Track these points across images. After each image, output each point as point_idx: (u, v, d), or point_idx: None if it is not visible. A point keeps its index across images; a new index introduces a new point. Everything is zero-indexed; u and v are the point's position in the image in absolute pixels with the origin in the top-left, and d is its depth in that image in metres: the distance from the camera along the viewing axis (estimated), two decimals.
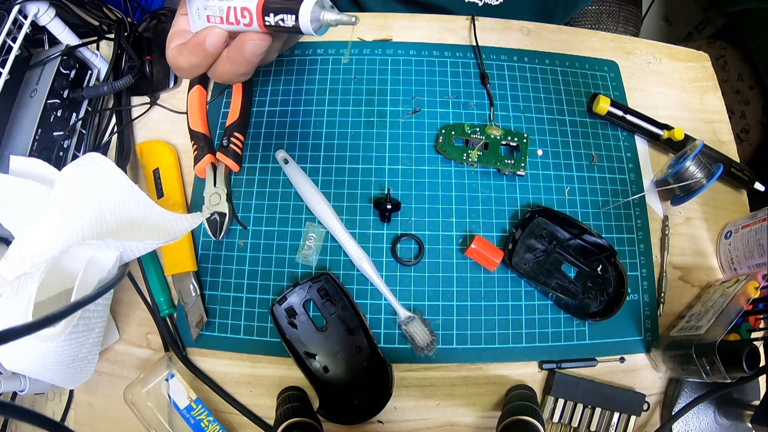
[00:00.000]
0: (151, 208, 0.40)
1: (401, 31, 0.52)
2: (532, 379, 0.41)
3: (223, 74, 0.34)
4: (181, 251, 0.43)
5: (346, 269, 0.43)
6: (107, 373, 0.42)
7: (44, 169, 0.39)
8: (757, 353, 0.34)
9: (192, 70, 0.34)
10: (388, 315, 0.42)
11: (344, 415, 0.38)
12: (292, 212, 0.45)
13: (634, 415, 0.39)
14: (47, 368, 0.32)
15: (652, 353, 0.42)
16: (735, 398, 0.40)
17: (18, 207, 0.37)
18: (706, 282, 0.45)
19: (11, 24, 0.38)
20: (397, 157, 0.46)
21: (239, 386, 0.41)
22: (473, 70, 0.50)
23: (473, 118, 0.48)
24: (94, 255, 0.34)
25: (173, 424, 0.38)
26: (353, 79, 0.49)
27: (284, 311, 0.40)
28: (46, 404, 0.42)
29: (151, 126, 0.49)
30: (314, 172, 0.46)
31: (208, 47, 0.31)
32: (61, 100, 0.44)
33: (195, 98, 0.47)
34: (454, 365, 0.41)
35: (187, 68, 0.33)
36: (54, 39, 0.45)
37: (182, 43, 0.33)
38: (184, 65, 0.33)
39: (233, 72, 0.33)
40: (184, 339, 0.42)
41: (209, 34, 0.31)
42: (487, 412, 0.41)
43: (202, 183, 0.45)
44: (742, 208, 0.48)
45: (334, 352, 0.40)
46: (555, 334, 0.42)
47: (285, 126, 0.48)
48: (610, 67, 0.52)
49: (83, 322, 0.33)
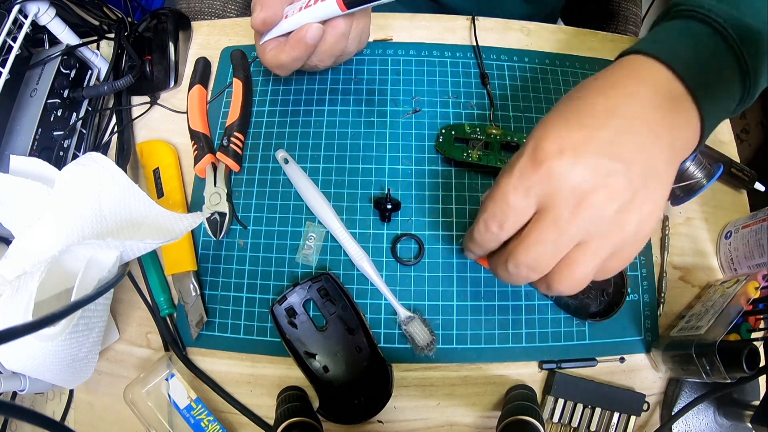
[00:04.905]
0: (151, 207, 0.40)
1: (401, 31, 0.52)
2: (532, 379, 0.41)
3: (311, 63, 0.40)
4: (181, 251, 0.43)
5: (346, 269, 0.43)
6: (107, 372, 0.42)
7: (44, 169, 0.39)
8: (757, 353, 0.34)
9: (293, 63, 0.39)
10: (388, 315, 0.42)
11: (344, 415, 0.38)
12: (292, 212, 0.45)
13: (634, 415, 0.39)
14: (47, 368, 0.32)
15: (652, 353, 0.42)
16: (735, 398, 0.40)
17: (18, 207, 0.37)
18: (706, 282, 0.45)
19: (11, 23, 0.38)
20: (397, 157, 0.46)
21: (239, 386, 0.41)
22: (473, 70, 0.50)
23: (473, 118, 0.48)
24: (94, 254, 0.34)
25: (173, 424, 0.38)
26: (353, 79, 0.49)
27: (284, 311, 0.40)
28: (46, 404, 0.42)
29: (151, 126, 0.49)
30: (314, 172, 0.46)
31: (309, 40, 0.37)
32: (61, 100, 0.44)
33: (195, 98, 0.47)
34: (454, 365, 0.41)
35: (290, 62, 0.39)
36: (54, 39, 0.45)
37: (279, 44, 0.39)
38: (287, 60, 0.38)
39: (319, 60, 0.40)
40: (184, 339, 0.42)
41: (309, 28, 0.36)
42: (487, 412, 0.41)
43: (202, 183, 0.45)
44: (742, 208, 0.48)
45: (334, 351, 0.40)
46: (555, 334, 0.42)
47: (285, 126, 0.48)
48: None
49: (83, 322, 0.33)
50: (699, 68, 0.30)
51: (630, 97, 0.29)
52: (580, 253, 0.28)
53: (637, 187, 0.27)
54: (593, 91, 0.30)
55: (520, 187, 0.28)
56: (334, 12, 0.36)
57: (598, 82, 0.31)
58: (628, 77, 0.30)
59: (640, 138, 0.28)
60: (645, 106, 0.29)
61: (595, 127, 0.28)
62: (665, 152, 0.29)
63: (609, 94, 0.29)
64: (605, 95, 0.29)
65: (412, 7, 0.54)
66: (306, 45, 0.37)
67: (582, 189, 0.27)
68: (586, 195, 0.27)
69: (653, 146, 0.28)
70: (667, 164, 0.29)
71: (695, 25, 0.33)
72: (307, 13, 0.37)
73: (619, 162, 0.27)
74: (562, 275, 0.29)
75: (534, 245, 0.28)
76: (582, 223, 0.27)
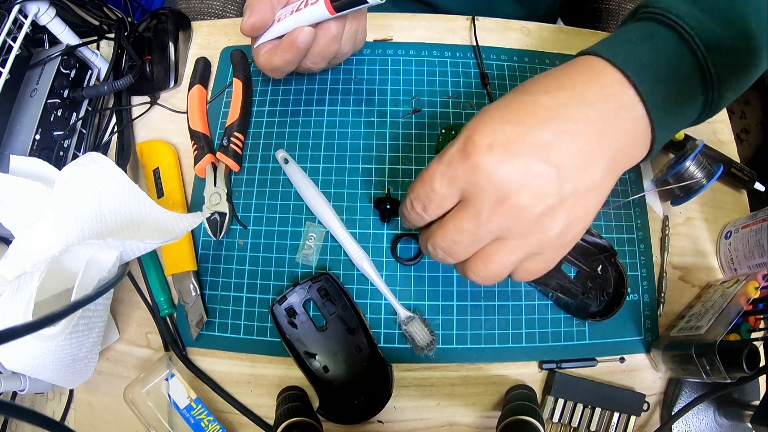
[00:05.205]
0: (151, 207, 0.40)
1: (401, 31, 0.52)
2: (532, 379, 0.41)
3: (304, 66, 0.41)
4: (181, 251, 0.43)
5: (346, 269, 0.43)
6: (107, 372, 0.42)
7: (44, 169, 0.39)
8: (757, 353, 0.34)
9: (286, 66, 0.39)
10: (388, 315, 0.42)
11: (344, 415, 0.38)
12: (292, 212, 0.45)
13: (634, 415, 0.39)
14: (47, 368, 0.32)
15: (652, 353, 0.42)
16: (735, 398, 0.40)
17: (18, 207, 0.37)
18: (706, 282, 0.45)
19: (11, 23, 0.38)
20: (397, 157, 0.46)
21: (239, 386, 0.41)
22: (473, 70, 0.50)
23: None
24: (94, 254, 0.34)
25: (173, 424, 0.38)
26: (353, 79, 0.49)
27: (284, 311, 0.40)
28: (46, 404, 0.42)
29: (151, 126, 0.49)
30: (314, 172, 0.46)
31: (301, 44, 0.37)
32: (61, 100, 0.44)
33: (195, 98, 0.47)
34: (454, 365, 0.41)
35: (282, 65, 0.39)
36: (54, 38, 0.45)
37: (273, 47, 0.39)
38: (280, 63, 0.39)
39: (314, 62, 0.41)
40: (184, 338, 0.42)
41: (300, 32, 0.37)
42: (487, 412, 0.41)
43: (202, 183, 0.45)
44: (742, 208, 0.48)
45: (334, 351, 0.40)
46: (555, 334, 0.42)
47: (285, 126, 0.48)
48: None
49: (83, 322, 0.34)
50: (656, 77, 0.29)
51: (578, 99, 0.28)
52: (497, 249, 0.29)
53: (566, 193, 0.27)
54: (541, 88, 0.29)
55: (446, 174, 0.28)
56: (324, 15, 0.36)
57: (549, 79, 0.30)
58: (579, 78, 0.29)
59: (579, 143, 0.27)
60: (592, 110, 0.28)
61: (533, 125, 0.27)
62: (605, 161, 0.28)
63: (557, 94, 0.28)
64: (552, 95, 0.28)
65: (406, 10, 0.54)
66: (298, 48, 0.37)
67: (506, 188, 0.26)
68: (509, 194, 0.26)
69: (593, 153, 0.28)
70: (606, 173, 0.28)
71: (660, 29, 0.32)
72: (298, 17, 0.37)
73: (551, 165, 0.27)
74: (477, 266, 0.29)
75: (451, 233, 0.29)
76: (501, 221, 0.27)
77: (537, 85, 0.30)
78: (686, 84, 0.31)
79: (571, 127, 0.27)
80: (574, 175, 0.27)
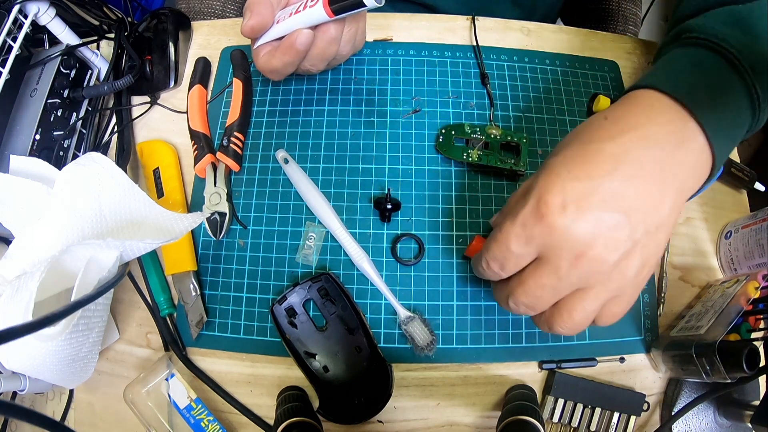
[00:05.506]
0: (151, 207, 0.40)
1: (401, 31, 0.52)
2: (532, 379, 0.41)
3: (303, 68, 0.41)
4: (181, 251, 0.43)
5: (346, 269, 0.43)
6: (107, 372, 0.42)
7: (44, 169, 0.39)
8: (757, 353, 0.34)
9: (285, 68, 0.39)
10: (388, 315, 0.42)
11: (344, 415, 0.38)
12: (292, 212, 0.45)
13: (634, 415, 0.39)
14: (47, 368, 0.32)
15: (652, 353, 0.42)
16: (735, 398, 0.40)
17: (18, 207, 0.37)
18: (706, 282, 0.45)
19: (11, 23, 0.38)
20: (397, 157, 0.46)
21: (239, 386, 0.41)
22: (473, 70, 0.50)
23: (473, 118, 0.48)
24: (94, 254, 0.34)
25: (173, 424, 0.38)
26: (353, 79, 0.49)
27: (284, 311, 0.40)
28: (46, 404, 0.42)
29: (151, 126, 0.49)
30: (314, 172, 0.46)
31: (299, 46, 0.37)
32: (61, 100, 0.44)
33: (195, 98, 0.47)
34: (454, 365, 0.41)
35: (281, 67, 0.39)
36: (54, 38, 0.45)
37: (272, 49, 0.39)
38: (279, 65, 0.39)
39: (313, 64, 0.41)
40: (184, 338, 0.42)
41: (299, 34, 0.37)
42: (487, 412, 0.41)
43: (202, 183, 0.45)
44: (742, 208, 0.48)
45: (334, 351, 0.40)
46: (555, 334, 0.42)
47: (285, 126, 0.48)
48: (610, 67, 0.52)
49: (83, 322, 0.34)
50: (713, 105, 0.30)
51: (642, 142, 0.28)
52: (580, 298, 0.29)
53: (639, 236, 0.28)
54: (604, 134, 0.29)
55: (522, 235, 0.29)
56: (323, 18, 0.36)
57: (609, 122, 0.30)
58: (641, 118, 0.30)
59: (647, 185, 0.28)
60: (657, 149, 0.28)
61: (600, 176, 0.27)
62: (671, 196, 0.28)
63: (621, 139, 0.29)
64: (615, 141, 0.29)
65: (404, 11, 0.54)
66: (296, 51, 0.37)
67: (582, 242, 0.27)
68: (585, 249, 0.27)
69: (660, 191, 0.28)
70: (672, 207, 0.29)
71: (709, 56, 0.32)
72: (297, 19, 0.37)
73: (622, 213, 0.27)
74: (562, 318, 0.30)
75: (532, 289, 0.29)
76: (581, 274, 0.28)
77: (599, 131, 0.30)
78: (737, 107, 0.32)
79: (637, 170, 0.28)
80: (644, 218, 0.28)
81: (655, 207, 0.28)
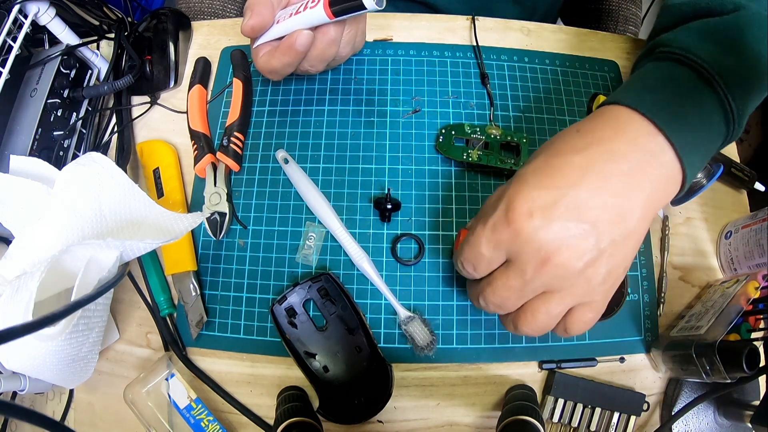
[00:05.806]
0: (151, 207, 0.40)
1: (401, 31, 0.52)
2: (532, 379, 0.41)
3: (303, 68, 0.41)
4: (181, 251, 0.43)
5: (346, 269, 0.43)
6: (107, 372, 0.42)
7: (44, 169, 0.39)
8: (757, 353, 0.34)
9: (284, 69, 0.39)
10: (388, 315, 0.42)
11: (344, 415, 0.38)
12: (292, 212, 0.45)
13: (634, 415, 0.39)
14: (47, 368, 0.32)
15: (652, 353, 0.42)
16: (735, 398, 0.40)
17: (18, 207, 0.37)
18: (706, 282, 0.45)
19: (11, 23, 0.38)
20: (397, 157, 0.46)
21: (239, 386, 0.41)
22: (473, 70, 0.50)
23: (473, 118, 0.48)
24: (94, 254, 0.34)
25: (173, 424, 0.38)
26: (353, 79, 0.49)
27: (284, 311, 0.40)
28: (46, 404, 0.42)
29: (151, 126, 0.49)
30: (314, 172, 0.46)
31: (299, 47, 0.37)
32: (61, 100, 0.44)
33: (195, 98, 0.47)
34: (454, 365, 0.41)
35: (280, 68, 0.39)
36: (54, 38, 0.45)
37: (271, 49, 0.39)
38: (278, 65, 0.39)
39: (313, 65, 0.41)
40: (184, 338, 0.42)
41: (299, 35, 0.37)
42: (487, 412, 0.41)
43: (202, 183, 0.45)
44: (742, 208, 0.48)
45: (334, 351, 0.40)
46: (555, 334, 0.42)
47: (285, 126, 0.48)
48: (610, 67, 0.52)
49: (83, 322, 0.34)
50: (682, 121, 0.30)
51: (607, 155, 0.29)
52: (543, 301, 0.30)
53: (604, 246, 0.28)
54: (570, 147, 0.30)
55: (492, 239, 0.30)
56: (323, 19, 0.36)
57: (578, 136, 0.31)
58: (606, 132, 0.30)
59: (613, 197, 0.28)
60: (623, 163, 0.29)
61: (567, 188, 0.28)
62: (639, 208, 0.29)
63: (586, 152, 0.30)
64: (582, 153, 0.30)
65: (405, 11, 0.54)
66: (296, 52, 0.38)
67: (547, 249, 0.28)
68: (550, 255, 0.28)
69: (627, 203, 0.29)
70: (640, 218, 0.29)
71: (680, 70, 0.33)
72: (297, 20, 0.37)
73: (587, 223, 0.28)
74: (526, 318, 0.31)
75: (500, 290, 0.31)
76: (546, 279, 0.29)
77: (566, 144, 0.31)
78: (710, 121, 0.32)
79: (603, 182, 0.28)
80: (609, 228, 0.28)
81: (622, 218, 0.29)
